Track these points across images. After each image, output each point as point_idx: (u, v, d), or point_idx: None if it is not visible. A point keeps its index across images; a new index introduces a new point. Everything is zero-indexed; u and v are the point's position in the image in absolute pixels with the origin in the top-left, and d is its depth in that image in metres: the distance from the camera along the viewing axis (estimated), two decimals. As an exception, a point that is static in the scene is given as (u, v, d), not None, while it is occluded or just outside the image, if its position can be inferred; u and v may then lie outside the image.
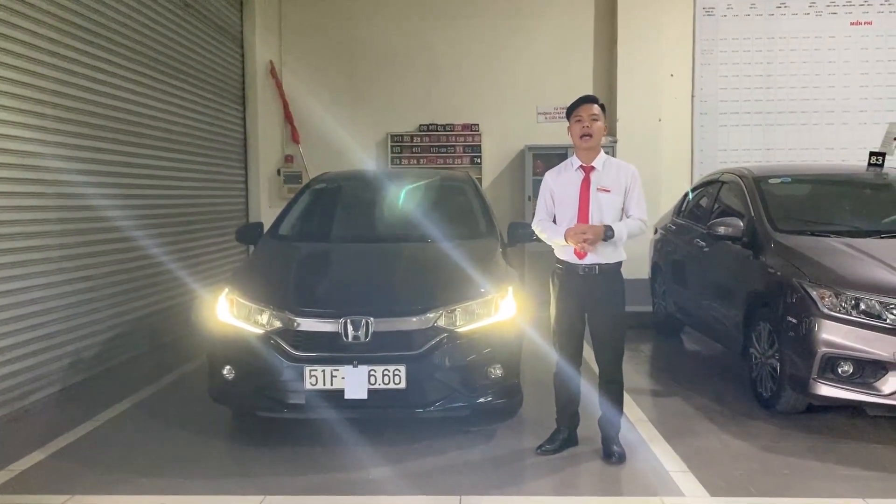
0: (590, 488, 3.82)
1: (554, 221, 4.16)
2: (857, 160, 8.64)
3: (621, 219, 4.04)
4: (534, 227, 4.26)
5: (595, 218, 4.00)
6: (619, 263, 4.08)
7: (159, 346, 6.99)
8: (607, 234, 3.92)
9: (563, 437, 4.23)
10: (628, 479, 3.88)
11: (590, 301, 4.06)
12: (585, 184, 4.04)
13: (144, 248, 6.68)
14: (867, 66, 9.53)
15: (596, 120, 4.01)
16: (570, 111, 4.08)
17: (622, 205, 4.04)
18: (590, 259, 4.00)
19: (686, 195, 7.26)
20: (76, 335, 5.72)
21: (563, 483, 3.85)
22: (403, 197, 5.67)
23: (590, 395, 4.28)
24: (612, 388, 4.13)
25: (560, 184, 4.15)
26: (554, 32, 9.73)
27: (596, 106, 4.04)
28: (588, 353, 4.21)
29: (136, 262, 6.62)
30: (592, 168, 4.07)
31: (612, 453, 4.07)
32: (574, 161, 4.13)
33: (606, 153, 4.21)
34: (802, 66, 9.58)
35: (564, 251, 4.09)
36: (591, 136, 4.01)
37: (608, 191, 4.01)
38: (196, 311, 7.54)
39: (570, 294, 4.09)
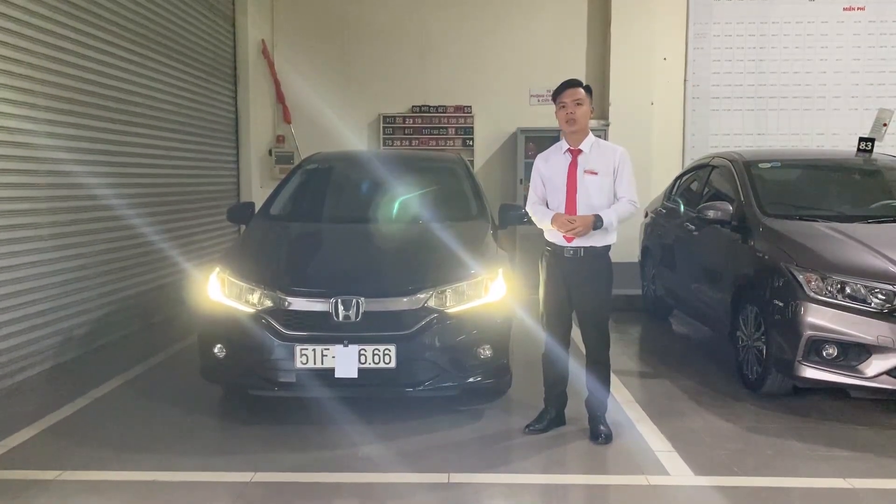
0: (577, 467, 3.88)
1: (546, 205, 4.18)
2: (847, 146, 8.67)
3: (612, 201, 4.06)
4: (527, 209, 4.28)
5: (582, 201, 4.02)
6: (607, 247, 4.10)
7: (151, 324, 7.00)
8: (596, 224, 3.93)
9: (551, 416, 4.28)
10: (614, 459, 3.94)
11: (575, 283, 4.08)
12: (573, 167, 4.06)
13: (136, 227, 6.66)
14: (859, 52, 9.57)
15: (580, 104, 4.00)
16: (555, 96, 4.08)
17: (611, 187, 4.05)
18: (577, 242, 4.02)
19: (676, 181, 7.29)
20: (67, 313, 5.72)
21: (551, 462, 3.90)
22: (395, 178, 5.67)
23: (578, 376, 4.33)
24: (599, 368, 4.17)
25: (549, 167, 4.17)
26: (547, 14, 9.70)
27: (580, 90, 4.03)
28: (577, 334, 4.25)
29: (127, 241, 6.61)
30: (580, 151, 4.08)
31: (598, 433, 4.12)
32: (563, 145, 4.15)
33: (598, 136, 4.23)
34: (795, 52, 9.61)
35: (553, 234, 4.12)
36: (575, 120, 4.02)
37: (595, 173, 4.02)
38: (187, 289, 7.54)
39: (557, 276, 4.13)
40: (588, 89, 4.08)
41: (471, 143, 9.79)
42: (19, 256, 5.17)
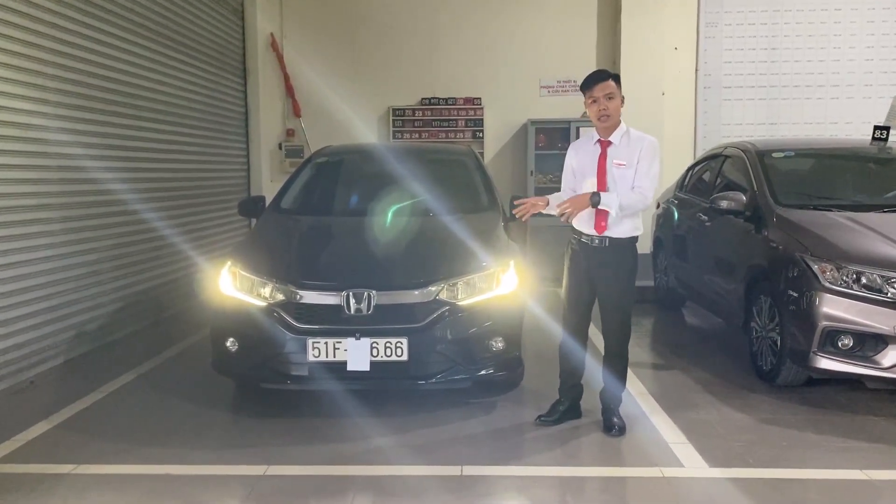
0: (590, 459, 3.86)
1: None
2: (861, 135, 8.58)
3: None
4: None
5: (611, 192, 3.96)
6: (633, 239, 4.04)
7: (163, 318, 7.02)
8: (593, 199, 3.86)
9: (563, 408, 4.26)
10: (628, 451, 3.92)
11: (598, 274, 4.04)
12: (602, 159, 4.00)
13: (147, 222, 6.69)
14: (873, 40, 9.45)
15: (612, 98, 3.93)
16: (584, 89, 3.98)
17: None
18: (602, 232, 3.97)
19: (688, 172, 7.23)
20: (80, 308, 5.75)
21: (564, 454, 3.88)
22: (405, 171, 5.66)
23: (592, 368, 4.31)
24: (617, 361, 4.15)
25: (580, 157, 4.11)
26: (557, 4, 9.63)
27: (610, 82, 3.94)
28: (594, 326, 4.23)
29: (139, 236, 6.63)
30: (610, 143, 4.02)
31: (612, 425, 4.10)
32: (593, 135, 4.09)
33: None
34: (808, 40, 9.50)
35: (580, 222, 4.05)
36: (608, 115, 3.94)
37: (623, 164, 3.95)
38: (199, 283, 7.57)
39: (580, 266, 4.09)
40: (617, 78, 3.99)
41: (481, 134, 9.75)
42: (31, 251, 5.18)
